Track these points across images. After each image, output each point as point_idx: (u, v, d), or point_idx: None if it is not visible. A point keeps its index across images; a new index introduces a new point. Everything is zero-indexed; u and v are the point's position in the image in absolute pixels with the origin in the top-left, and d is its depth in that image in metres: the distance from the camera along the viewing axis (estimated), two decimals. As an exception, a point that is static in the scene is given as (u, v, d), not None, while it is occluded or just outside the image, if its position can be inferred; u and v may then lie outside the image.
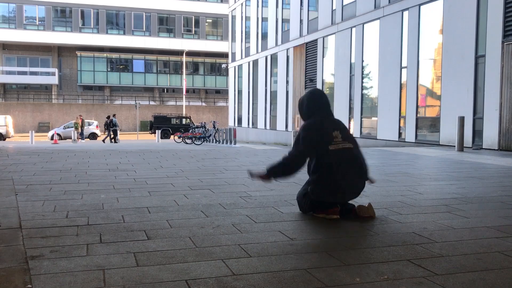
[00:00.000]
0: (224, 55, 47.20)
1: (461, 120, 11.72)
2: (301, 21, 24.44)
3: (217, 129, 24.56)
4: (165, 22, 50.26)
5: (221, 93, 52.28)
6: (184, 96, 45.14)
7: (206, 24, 51.38)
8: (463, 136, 11.81)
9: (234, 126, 33.51)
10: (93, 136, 33.58)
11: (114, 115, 29.09)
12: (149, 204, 4.45)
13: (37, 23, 46.97)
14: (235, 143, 22.08)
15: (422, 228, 3.60)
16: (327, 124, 3.88)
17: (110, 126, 27.54)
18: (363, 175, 3.93)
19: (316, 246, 3.14)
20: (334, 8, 21.17)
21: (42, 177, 6.24)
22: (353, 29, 19.65)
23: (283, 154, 3.99)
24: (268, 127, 28.63)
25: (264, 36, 29.50)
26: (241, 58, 33.70)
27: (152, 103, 49.78)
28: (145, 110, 44.44)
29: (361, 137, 19.03)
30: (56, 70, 47.75)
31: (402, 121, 16.66)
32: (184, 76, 46.82)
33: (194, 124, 31.66)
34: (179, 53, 49.34)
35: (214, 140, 24.08)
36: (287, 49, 25.95)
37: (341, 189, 3.78)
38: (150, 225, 3.62)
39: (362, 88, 19.21)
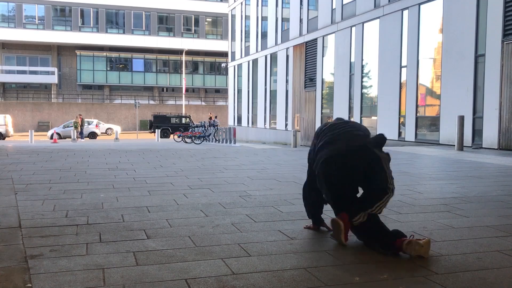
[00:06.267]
0: (223, 54, 47.13)
1: (461, 119, 11.70)
2: (301, 20, 24.42)
3: (217, 128, 24.51)
4: (165, 21, 50.21)
5: (221, 92, 52.24)
6: (183, 95, 45.08)
7: (206, 23, 51.32)
8: (463, 135, 11.79)
9: (234, 125, 33.48)
10: (92, 135, 33.53)
11: (216, 117, 34.69)
12: (148, 203, 4.44)
13: (36, 22, 46.90)
14: (234, 142, 22.06)
15: (422, 227, 3.60)
16: None
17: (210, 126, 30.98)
18: None
19: (316, 245, 3.14)
20: (334, 7, 21.15)
21: (42, 176, 6.23)
22: (353, 28, 19.63)
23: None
24: (267, 126, 28.62)
25: (264, 35, 29.46)
26: (241, 57, 33.66)
27: (151, 102, 49.74)
28: (144, 109, 44.38)
29: (361, 136, 18.99)
30: (55, 69, 47.69)
31: (401, 120, 16.66)
32: (183, 75, 46.76)
33: (193, 124, 31.67)
34: (178, 52, 49.29)
35: (214, 139, 24.07)
36: (287, 48, 25.92)
37: None
38: (150, 225, 3.61)
39: (362, 87, 19.20)
